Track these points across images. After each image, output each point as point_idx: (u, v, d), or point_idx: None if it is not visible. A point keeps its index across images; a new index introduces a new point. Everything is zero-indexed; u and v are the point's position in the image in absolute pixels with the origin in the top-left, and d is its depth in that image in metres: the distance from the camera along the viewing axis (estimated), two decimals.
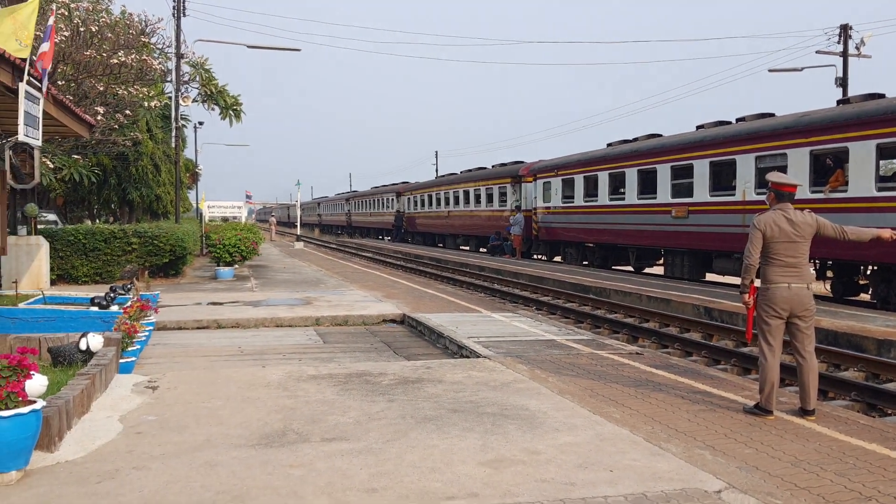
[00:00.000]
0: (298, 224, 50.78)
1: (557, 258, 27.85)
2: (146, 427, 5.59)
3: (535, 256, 29.59)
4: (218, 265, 20.21)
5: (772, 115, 17.32)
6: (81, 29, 16.96)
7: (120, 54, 17.60)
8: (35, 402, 4.56)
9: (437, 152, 77.34)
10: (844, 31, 28.00)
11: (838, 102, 15.87)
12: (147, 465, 4.73)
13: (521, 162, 31.45)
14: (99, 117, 17.59)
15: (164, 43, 24.49)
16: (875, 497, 4.23)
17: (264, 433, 5.43)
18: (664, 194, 19.62)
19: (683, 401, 6.46)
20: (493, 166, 34.73)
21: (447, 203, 38.17)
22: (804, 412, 6.01)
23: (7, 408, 4.37)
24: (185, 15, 26.09)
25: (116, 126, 20.41)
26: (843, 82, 27.70)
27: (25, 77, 9.33)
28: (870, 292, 15.05)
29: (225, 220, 34.72)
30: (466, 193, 35.34)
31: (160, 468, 4.67)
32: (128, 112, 20.38)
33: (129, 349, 7.80)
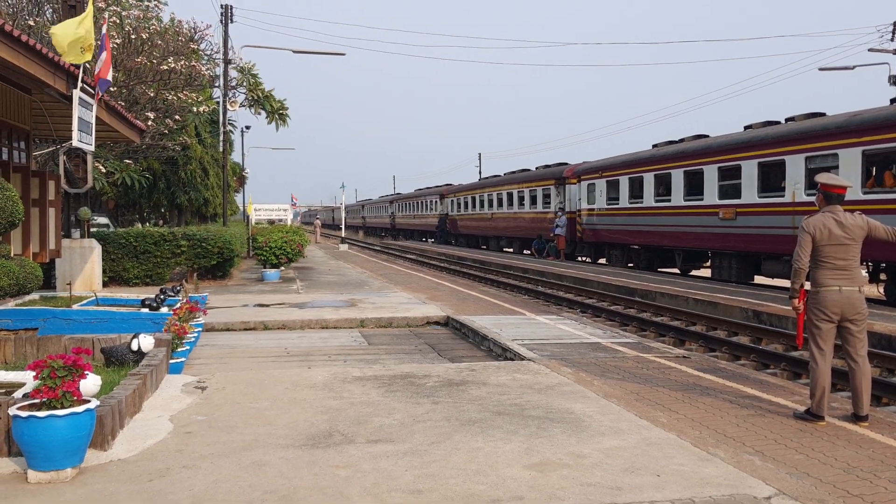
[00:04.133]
0: (343, 226, 51.12)
1: (602, 260, 27.63)
2: (195, 427, 5.69)
3: (579, 258, 29.40)
4: (264, 267, 20.46)
5: (822, 114, 16.97)
6: (132, 36, 17.34)
7: (169, 60, 17.95)
8: (89, 401, 4.67)
9: (480, 154, 77.24)
10: None
11: (892, 101, 15.49)
12: (197, 464, 4.82)
13: (565, 163, 31.26)
14: (149, 122, 17.97)
15: (212, 49, 24.97)
16: None
17: (311, 434, 5.49)
18: (711, 196, 19.34)
19: (732, 405, 6.37)
20: (536, 168, 34.59)
21: (490, 205, 38.13)
22: (857, 418, 5.88)
23: (63, 407, 4.49)
24: (232, 21, 26.52)
25: (166, 131, 20.80)
26: None
27: (79, 84, 9.57)
28: None
29: (271, 222, 35.14)
30: (510, 195, 35.27)
31: (209, 467, 4.75)
32: (177, 117, 20.75)
33: (179, 350, 7.94)
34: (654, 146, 23.52)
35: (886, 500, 4.21)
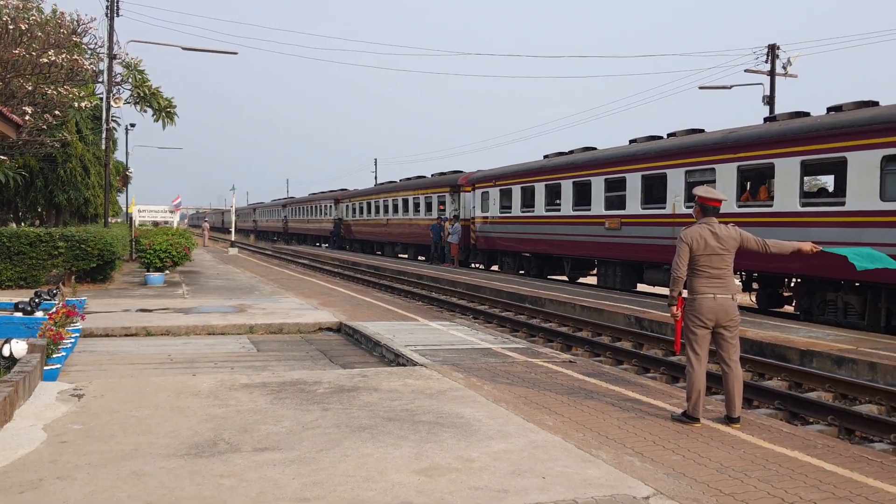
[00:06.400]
0: (233, 230, 49.94)
1: (495, 267, 28.06)
2: (71, 436, 5.44)
3: (472, 265, 29.74)
4: (148, 271, 19.78)
5: (701, 130, 17.78)
6: (10, 27, 16.43)
7: (50, 53, 17.09)
8: None
9: (376, 160, 77.74)
10: (772, 50, 28.93)
11: (765, 120, 16.39)
12: (72, 474, 4.61)
13: (460, 171, 31.60)
14: (27, 117, 17.03)
15: (96, 43, 23.86)
16: (796, 503, 4.39)
17: (194, 443, 5.34)
18: (598, 206, 19.96)
19: (614, 408, 6.59)
20: (432, 175, 34.80)
21: (386, 211, 38.10)
22: (729, 420, 6.19)
23: None
24: (118, 15, 25.49)
25: (45, 127, 19.79)
26: (770, 100, 28.56)
27: None
28: (793, 304, 15.55)
29: (156, 224, 34.01)
30: (405, 202, 35.34)
31: (85, 478, 4.55)
32: (57, 113, 19.78)
33: (55, 356, 7.59)
34: (546, 157, 24.08)
35: (756, 498, 4.45)
